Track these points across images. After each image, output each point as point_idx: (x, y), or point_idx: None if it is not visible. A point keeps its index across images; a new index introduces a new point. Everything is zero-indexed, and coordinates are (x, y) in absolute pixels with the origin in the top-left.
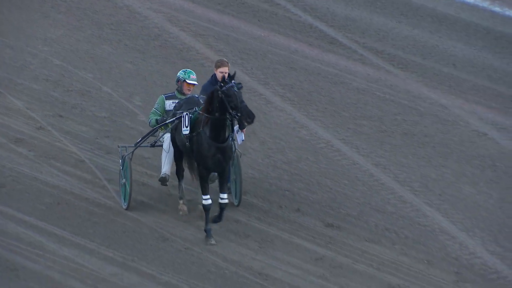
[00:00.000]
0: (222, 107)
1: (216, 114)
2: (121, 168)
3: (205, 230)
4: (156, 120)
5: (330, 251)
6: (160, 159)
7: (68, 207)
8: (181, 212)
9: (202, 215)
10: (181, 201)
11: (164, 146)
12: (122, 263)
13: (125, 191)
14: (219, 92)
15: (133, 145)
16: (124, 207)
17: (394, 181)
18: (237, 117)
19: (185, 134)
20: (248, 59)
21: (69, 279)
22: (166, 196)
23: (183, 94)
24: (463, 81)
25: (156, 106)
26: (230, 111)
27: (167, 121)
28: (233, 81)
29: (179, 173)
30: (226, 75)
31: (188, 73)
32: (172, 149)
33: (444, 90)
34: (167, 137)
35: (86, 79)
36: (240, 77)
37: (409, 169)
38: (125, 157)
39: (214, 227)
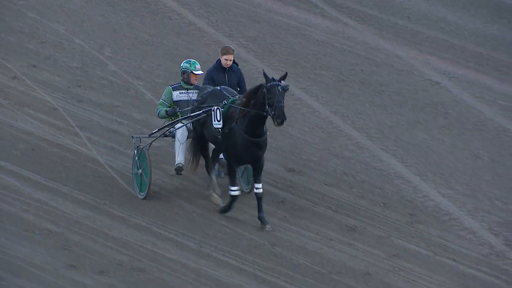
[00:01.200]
0: (263, 103)
1: (257, 111)
2: (136, 158)
3: (223, 210)
4: (166, 111)
5: (291, 194)
6: (174, 150)
7: (42, 153)
8: (214, 206)
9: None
10: (215, 195)
11: (177, 136)
12: (94, 206)
13: (141, 180)
14: (264, 88)
15: (147, 135)
16: (141, 196)
17: (352, 128)
18: (271, 114)
19: (217, 128)
20: (213, 12)
21: (44, 221)
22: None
23: (190, 84)
24: (418, 33)
25: (163, 97)
26: (266, 107)
27: (192, 114)
28: (282, 81)
29: (208, 166)
30: (230, 62)
31: (193, 64)
32: (185, 139)
33: (400, 41)
34: (180, 128)
35: (59, 32)
36: (206, 29)
37: (366, 117)
38: (142, 148)
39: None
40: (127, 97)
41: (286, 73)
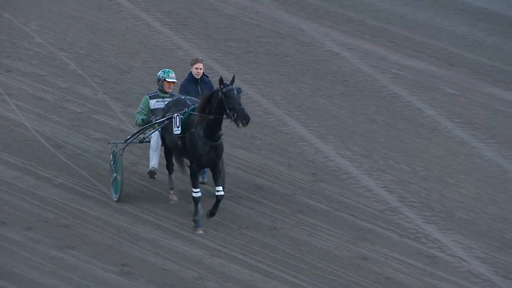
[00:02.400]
0: (220, 107)
1: (215, 114)
2: (112, 163)
3: (194, 220)
4: (142, 119)
5: None
6: (148, 155)
7: None
8: (171, 202)
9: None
10: (171, 192)
11: (151, 143)
12: (22, 167)
13: (116, 184)
14: (220, 93)
15: (123, 141)
16: (115, 199)
17: (260, 95)
18: (233, 118)
19: (177, 134)
20: None
21: None
22: (60, 110)
23: (165, 92)
24: (319, 8)
25: (141, 106)
26: (228, 112)
27: (156, 121)
28: (233, 85)
29: (169, 167)
30: (201, 71)
31: (167, 72)
32: (159, 145)
33: (303, 15)
34: (154, 134)
35: None
36: (124, 4)
37: (272, 85)
38: (116, 153)
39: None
40: (52, 67)
41: (234, 75)
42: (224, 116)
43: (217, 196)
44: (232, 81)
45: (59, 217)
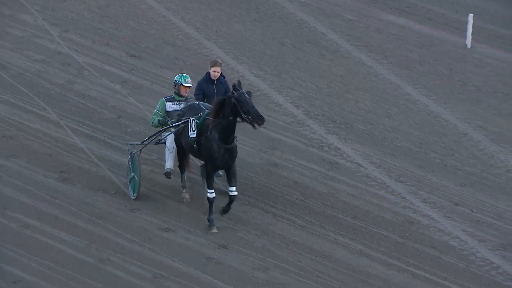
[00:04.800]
0: (234, 111)
1: (230, 118)
2: (129, 163)
3: (208, 220)
4: (159, 120)
5: (133, 76)
6: (164, 156)
7: None
8: (184, 200)
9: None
10: (184, 190)
11: (167, 144)
12: None
13: (134, 183)
14: (232, 98)
15: (140, 142)
16: (133, 197)
17: (182, 21)
18: (248, 120)
19: (192, 138)
20: None
21: None
22: (5, 34)
23: (181, 96)
24: None
25: (157, 108)
26: (242, 115)
27: (172, 125)
28: (241, 88)
29: (182, 167)
30: (218, 74)
31: (184, 77)
32: (174, 147)
33: None
34: (170, 136)
35: None
36: None
37: (192, 12)
38: (134, 154)
39: None
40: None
41: (239, 80)
42: (239, 119)
43: (231, 196)
44: (240, 85)
45: (4, 130)
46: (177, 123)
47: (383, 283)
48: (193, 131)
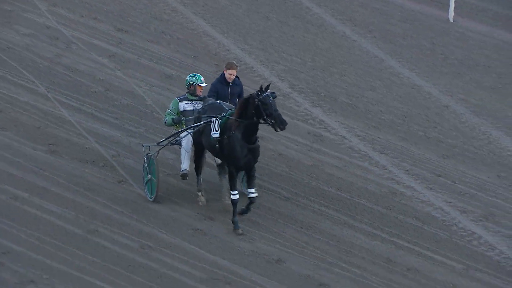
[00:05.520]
0: (257, 113)
1: (253, 119)
2: (146, 165)
3: (233, 222)
4: (173, 119)
5: (121, 49)
6: (180, 157)
7: None
8: (200, 203)
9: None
10: (199, 193)
11: (183, 145)
12: None
13: (151, 185)
14: (256, 99)
15: (155, 143)
16: (151, 199)
17: None
18: (271, 123)
19: (215, 137)
20: None
21: None
22: None
23: (195, 95)
24: None
25: (171, 108)
26: (265, 117)
27: (193, 125)
28: (268, 90)
29: (198, 168)
30: (233, 76)
31: (198, 77)
32: (190, 147)
33: None
34: (186, 137)
35: None
36: None
37: None
38: (151, 155)
39: None
40: None
41: (270, 82)
42: (261, 121)
43: (251, 198)
44: (267, 87)
45: None
46: (199, 123)
47: (366, 253)
48: (216, 130)
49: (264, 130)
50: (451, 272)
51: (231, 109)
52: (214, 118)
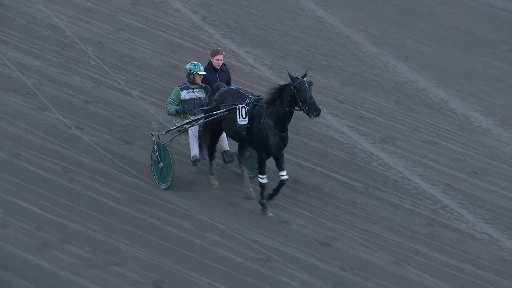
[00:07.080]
0: (293, 100)
1: (286, 108)
2: (157, 153)
3: (261, 204)
4: (176, 109)
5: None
6: (188, 144)
7: None
8: (214, 187)
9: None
10: (212, 177)
11: (189, 132)
12: None
13: (161, 173)
14: (292, 87)
15: (164, 132)
16: (164, 187)
17: None
18: (305, 110)
19: (242, 125)
20: None
21: None
22: None
23: (195, 84)
24: None
25: (172, 97)
26: (300, 104)
27: (219, 112)
28: (304, 78)
29: (211, 154)
30: (221, 62)
31: (197, 66)
32: (197, 133)
33: None
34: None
35: None
36: None
37: None
38: (164, 144)
39: None
40: None
41: (307, 71)
42: (296, 108)
43: (282, 180)
44: (305, 75)
45: None
46: (221, 111)
47: (273, 174)
48: (244, 118)
49: (177, 60)
50: (352, 191)
51: (249, 95)
52: (240, 106)
